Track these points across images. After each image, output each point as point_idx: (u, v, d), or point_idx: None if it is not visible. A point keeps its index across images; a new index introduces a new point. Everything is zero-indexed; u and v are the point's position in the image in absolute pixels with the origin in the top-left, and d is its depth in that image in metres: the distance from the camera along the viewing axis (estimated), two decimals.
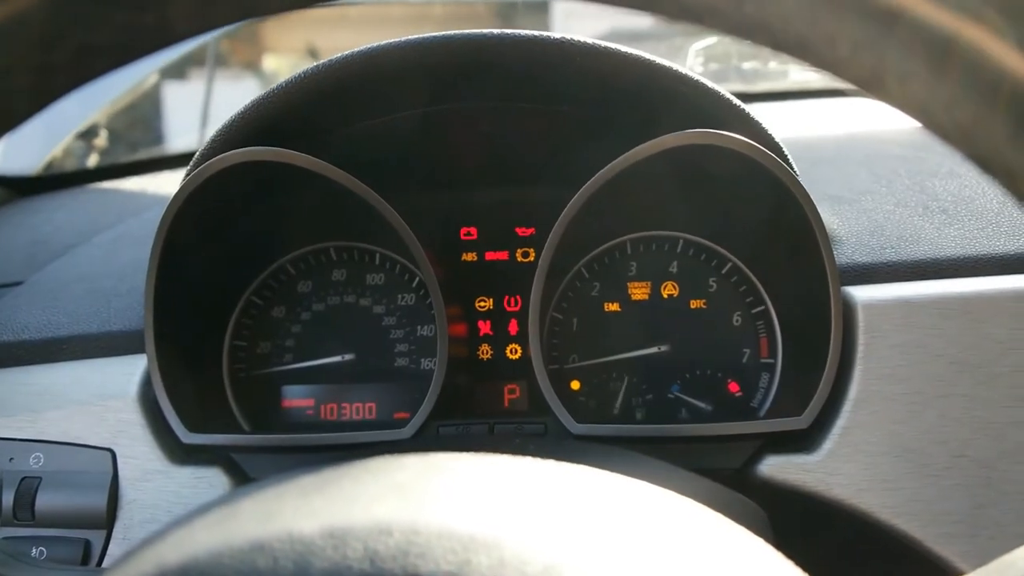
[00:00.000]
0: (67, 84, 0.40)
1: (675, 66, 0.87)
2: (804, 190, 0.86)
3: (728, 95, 0.89)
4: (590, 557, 0.35)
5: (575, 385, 1.05)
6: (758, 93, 1.28)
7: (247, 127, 0.91)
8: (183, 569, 0.36)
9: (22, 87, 0.39)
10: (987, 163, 0.38)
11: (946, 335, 0.86)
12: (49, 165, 1.49)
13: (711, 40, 1.40)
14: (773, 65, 1.39)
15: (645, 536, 0.39)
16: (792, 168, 0.88)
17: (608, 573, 0.35)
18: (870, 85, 0.39)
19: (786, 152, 0.90)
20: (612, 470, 0.48)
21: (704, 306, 1.05)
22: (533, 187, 1.08)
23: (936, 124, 0.38)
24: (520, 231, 1.09)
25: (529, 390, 1.06)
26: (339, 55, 0.88)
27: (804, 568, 0.42)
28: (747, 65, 1.39)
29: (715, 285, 1.06)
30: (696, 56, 1.41)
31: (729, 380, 1.03)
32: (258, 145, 0.89)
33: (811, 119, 1.13)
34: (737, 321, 1.04)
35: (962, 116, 0.37)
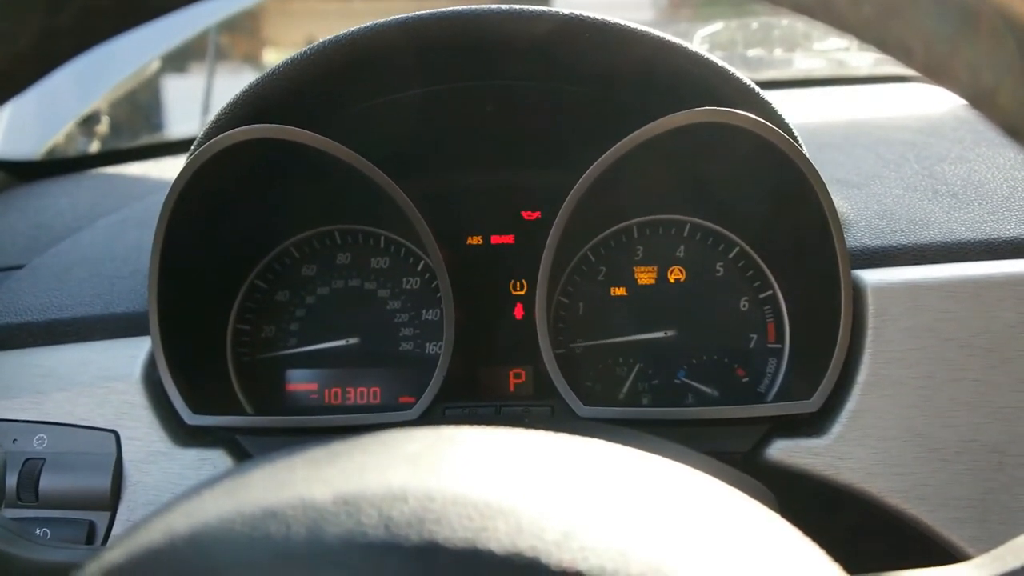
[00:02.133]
0: (72, 48, 0.40)
1: (685, 44, 0.87)
2: (815, 170, 0.85)
3: (738, 74, 0.89)
4: (606, 523, 0.35)
5: (581, 369, 1.05)
6: (763, 81, 1.27)
7: (251, 106, 0.90)
8: (193, 537, 0.35)
9: (26, 51, 0.38)
10: (1014, 129, 0.38)
11: (956, 319, 0.85)
12: (51, 150, 1.48)
13: (716, 27, 1.40)
14: (778, 53, 1.38)
15: (660, 504, 0.39)
16: (803, 148, 0.87)
17: (625, 539, 0.34)
18: (894, 48, 0.39)
19: (796, 132, 0.89)
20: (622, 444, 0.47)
21: (711, 291, 1.05)
22: (539, 170, 1.07)
23: (963, 89, 0.38)
24: (526, 214, 1.08)
25: (535, 374, 1.06)
26: (342, 33, 0.87)
27: None
28: (752, 53, 1.38)
29: (722, 269, 1.05)
30: (701, 43, 1.40)
31: (736, 365, 1.03)
32: (263, 123, 0.88)
33: (817, 107, 1.13)
34: (744, 306, 1.04)
35: (987, 79, 0.36)
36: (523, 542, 0.33)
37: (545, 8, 0.85)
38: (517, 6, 0.85)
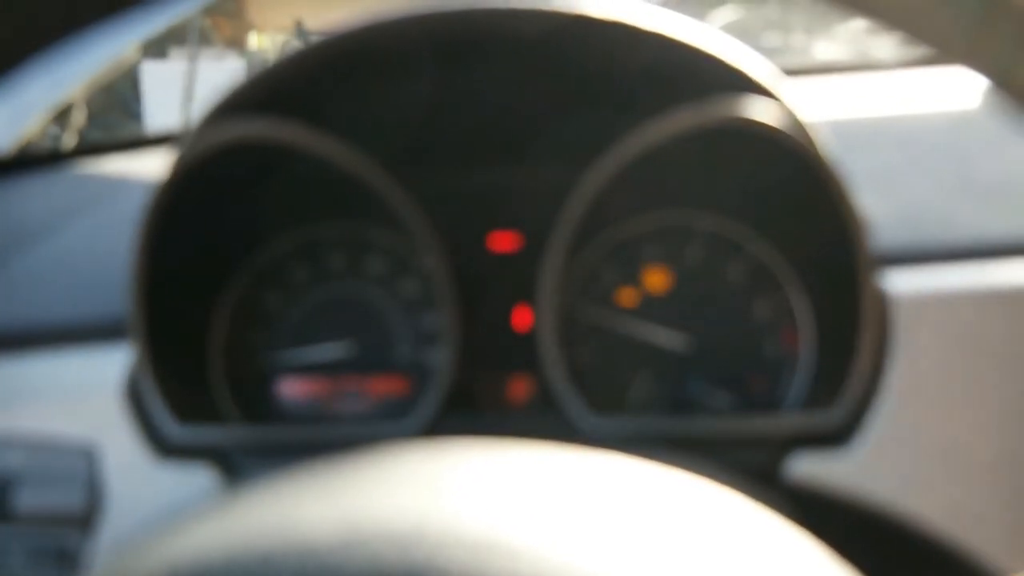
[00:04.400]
0: (51, 38, 0.39)
1: (698, 41, 0.84)
2: (837, 170, 0.82)
3: (755, 69, 0.86)
4: (613, 560, 0.32)
5: (587, 378, 1.01)
6: (780, 70, 1.23)
7: (246, 100, 0.87)
8: None
9: (2, 41, 0.37)
10: None
11: (989, 325, 0.82)
12: (24, 145, 1.43)
13: (730, 13, 1.36)
14: (796, 40, 1.34)
15: (688, 539, 0.36)
16: (822, 148, 0.84)
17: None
18: (915, 28, 0.37)
19: (816, 131, 0.85)
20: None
21: (725, 294, 1.00)
22: (544, 170, 1.02)
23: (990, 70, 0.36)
24: (531, 216, 1.03)
25: (538, 382, 1.01)
26: (338, 28, 0.84)
27: None
28: (768, 40, 1.34)
29: (737, 272, 1.01)
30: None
31: (752, 372, 0.99)
32: (256, 120, 0.85)
33: (837, 97, 1.09)
34: (761, 310, 0.99)
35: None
36: None
37: (554, 5, 0.82)
38: (523, 2, 0.82)
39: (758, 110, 0.82)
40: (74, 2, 0.38)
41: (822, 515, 0.79)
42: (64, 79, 1.44)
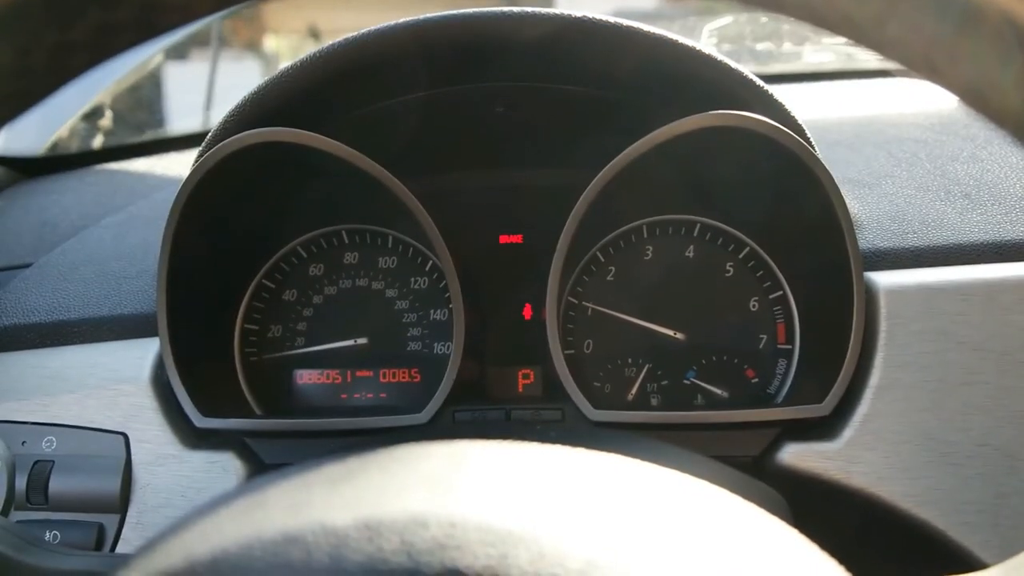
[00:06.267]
0: (85, 63, 0.40)
1: (696, 45, 0.86)
2: (828, 173, 0.85)
3: (749, 75, 0.88)
4: (630, 550, 0.35)
5: (590, 370, 1.04)
6: (772, 75, 1.25)
7: (261, 107, 0.90)
8: (213, 561, 0.35)
9: (40, 66, 0.38)
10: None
11: (969, 322, 0.84)
12: (54, 146, 1.47)
13: (725, 20, 1.38)
14: (787, 46, 1.37)
15: (679, 527, 0.38)
16: (815, 150, 0.87)
17: (647, 567, 0.34)
18: (917, 64, 0.38)
19: (808, 134, 0.88)
20: (635, 458, 0.47)
21: (720, 291, 1.04)
22: (548, 170, 1.06)
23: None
24: (535, 214, 1.06)
25: (544, 375, 1.06)
26: (348, 36, 0.87)
27: None
28: (761, 46, 1.36)
29: (732, 270, 1.04)
30: (709, 36, 1.39)
31: (746, 366, 1.02)
32: (270, 126, 0.88)
33: (826, 102, 1.12)
34: (754, 306, 1.03)
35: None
36: (545, 571, 0.33)
37: (553, 10, 0.84)
38: (526, 8, 0.84)
39: (753, 114, 0.85)
40: (107, 35, 0.40)
41: (810, 501, 0.82)
42: (93, 84, 1.48)
